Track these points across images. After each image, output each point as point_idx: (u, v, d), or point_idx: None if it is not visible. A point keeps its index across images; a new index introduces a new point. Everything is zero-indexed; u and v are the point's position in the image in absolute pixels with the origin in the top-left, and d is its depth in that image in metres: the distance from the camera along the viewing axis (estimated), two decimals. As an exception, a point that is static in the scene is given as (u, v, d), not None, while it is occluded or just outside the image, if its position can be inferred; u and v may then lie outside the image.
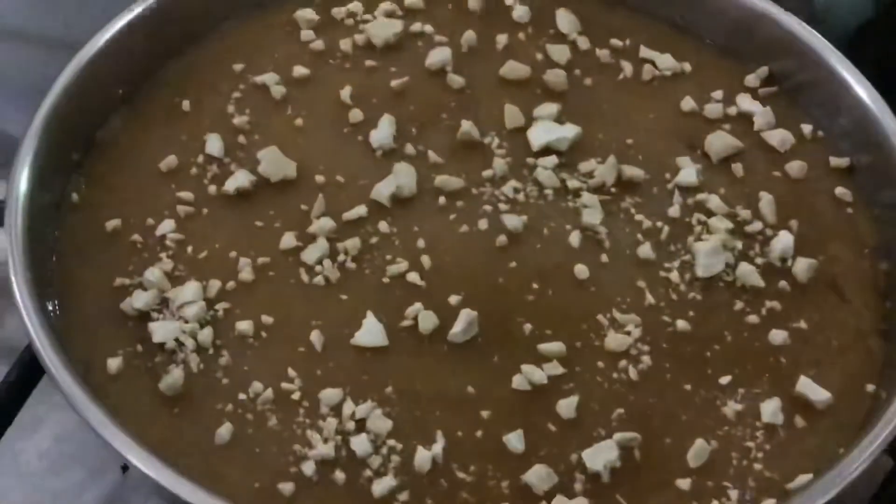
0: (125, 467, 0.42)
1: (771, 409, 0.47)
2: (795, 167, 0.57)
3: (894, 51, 0.72)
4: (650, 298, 0.50)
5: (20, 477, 0.59)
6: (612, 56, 0.63)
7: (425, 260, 0.51)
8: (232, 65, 0.61)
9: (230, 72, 0.60)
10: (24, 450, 0.60)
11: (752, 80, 0.62)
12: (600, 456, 0.44)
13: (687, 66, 0.63)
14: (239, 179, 0.54)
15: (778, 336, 0.50)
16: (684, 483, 0.44)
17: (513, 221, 0.52)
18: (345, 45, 0.62)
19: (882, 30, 0.76)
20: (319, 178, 0.55)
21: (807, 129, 0.60)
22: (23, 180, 0.51)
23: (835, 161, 0.58)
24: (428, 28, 0.63)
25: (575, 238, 0.52)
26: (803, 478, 0.45)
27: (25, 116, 0.54)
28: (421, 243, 0.52)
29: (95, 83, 0.57)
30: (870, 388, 0.49)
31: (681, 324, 0.50)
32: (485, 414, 0.46)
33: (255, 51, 0.62)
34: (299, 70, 0.60)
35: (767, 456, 0.46)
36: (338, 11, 0.64)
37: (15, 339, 0.50)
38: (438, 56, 0.61)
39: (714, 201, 0.55)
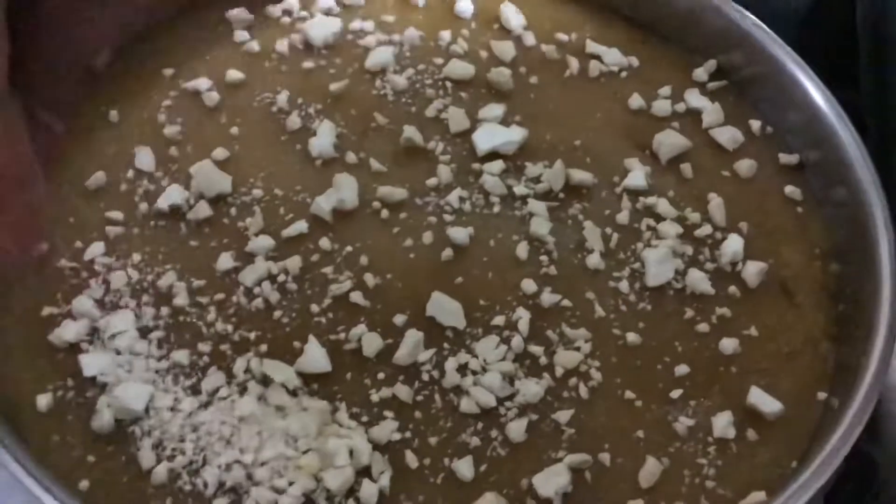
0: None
1: (722, 423, 0.46)
2: (745, 166, 0.57)
3: (839, 36, 0.71)
4: (599, 311, 0.49)
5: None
6: (559, 52, 0.61)
7: (368, 278, 0.49)
8: (161, 69, 0.58)
9: (160, 77, 0.57)
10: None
11: (700, 73, 0.61)
12: (551, 481, 0.43)
13: (634, 61, 0.61)
14: (171, 196, 0.52)
15: (729, 345, 0.49)
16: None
17: (459, 234, 0.51)
18: (281, 45, 0.60)
19: (826, 15, 0.75)
20: (256, 192, 0.53)
21: (755, 125, 0.59)
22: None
23: (784, 158, 0.58)
24: (368, 25, 0.61)
25: (522, 250, 0.51)
26: (756, 495, 0.44)
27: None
28: (364, 260, 0.50)
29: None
30: (821, 395, 0.48)
31: (631, 336, 0.49)
32: (433, 440, 0.45)
33: (186, 54, 0.59)
34: (233, 74, 0.58)
35: (720, 472, 0.45)
36: (273, 10, 0.61)
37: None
38: (379, 57, 0.59)
39: (663, 205, 0.54)
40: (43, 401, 0.45)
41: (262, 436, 0.43)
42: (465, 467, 0.44)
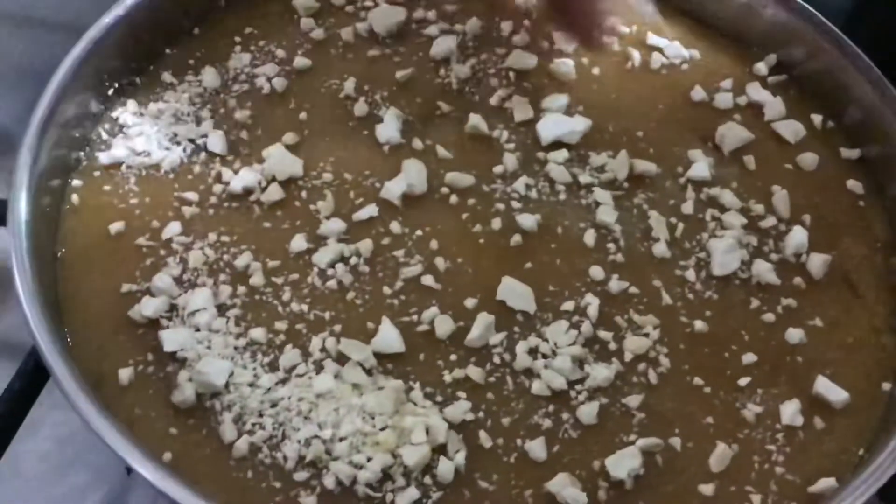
0: (129, 469, 0.41)
1: (790, 411, 0.47)
2: (807, 159, 0.57)
3: (891, 25, 0.72)
4: (667, 298, 0.50)
5: (21, 481, 0.58)
6: (620, 44, 0.62)
7: (439, 262, 0.50)
8: (230, 56, 0.59)
9: (228, 64, 0.58)
10: (25, 452, 0.58)
11: (761, 67, 0.61)
12: (623, 463, 0.44)
13: (696, 54, 0.62)
14: (244, 179, 0.53)
15: (794, 335, 0.50)
16: (707, 489, 0.44)
17: (527, 221, 0.52)
18: (346, 34, 0.60)
19: (873, 9, 0.75)
20: (327, 176, 0.54)
21: (817, 119, 0.59)
22: (23, 183, 0.49)
23: (845, 152, 0.58)
24: (431, 15, 0.62)
25: (590, 237, 0.52)
26: (825, 481, 0.44)
27: (14, 104, 0.52)
28: (434, 244, 0.51)
29: (95, 76, 0.55)
30: (886, 386, 0.49)
31: (698, 324, 0.49)
32: (505, 421, 0.45)
33: (254, 41, 0.60)
34: (301, 61, 0.59)
35: (788, 459, 0.46)
36: (338, -2, 0.62)
37: (13, 336, 0.48)
38: (443, 45, 0.60)
39: (727, 196, 0.54)
40: (125, 375, 0.46)
41: (339, 412, 0.44)
42: (538, 448, 0.44)
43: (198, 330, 0.47)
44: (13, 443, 0.51)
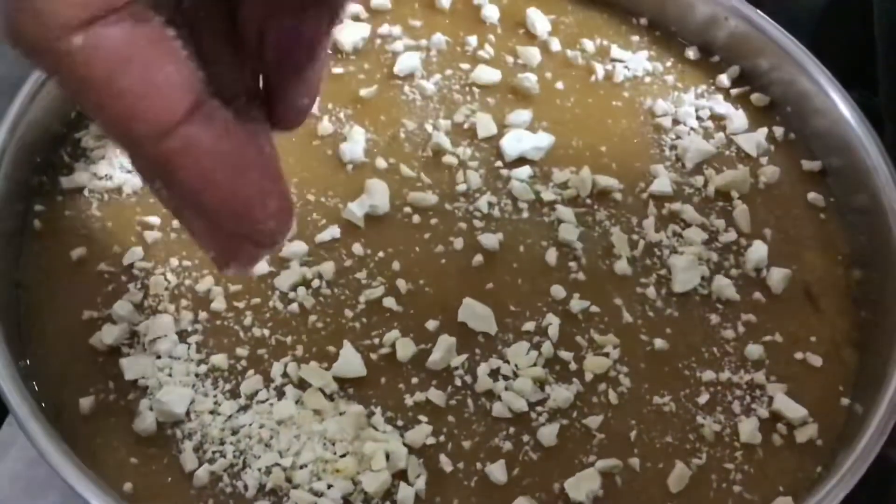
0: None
1: (749, 429, 0.47)
2: (768, 172, 0.57)
3: (855, 35, 0.72)
4: (627, 317, 0.50)
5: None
6: (584, 58, 0.62)
7: (401, 283, 0.50)
8: (194, 75, 0.59)
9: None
10: (-9, 475, 0.58)
11: (723, 79, 0.62)
12: (583, 485, 0.44)
13: (659, 67, 0.62)
14: (207, 201, 0.52)
15: (754, 351, 0.50)
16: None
17: (489, 241, 0.52)
18: None
19: (842, 14, 0.76)
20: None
21: (778, 131, 0.60)
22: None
23: (807, 165, 0.58)
24: (396, 31, 0.62)
25: (551, 256, 0.52)
26: (781, 500, 0.45)
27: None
28: (396, 266, 0.51)
29: (57, 97, 0.55)
30: (844, 402, 0.49)
31: (658, 342, 0.50)
32: (466, 445, 0.46)
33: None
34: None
35: (746, 477, 0.46)
36: (302, 15, 0.62)
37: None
38: (407, 63, 0.60)
39: (688, 212, 0.54)
40: (86, 404, 0.46)
41: (300, 439, 0.44)
42: (498, 471, 0.45)
43: (158, 357, 0.47)
44: (-18, 465, 0.51)
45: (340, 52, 0.60)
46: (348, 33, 0.61)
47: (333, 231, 0.52)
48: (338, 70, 0.59)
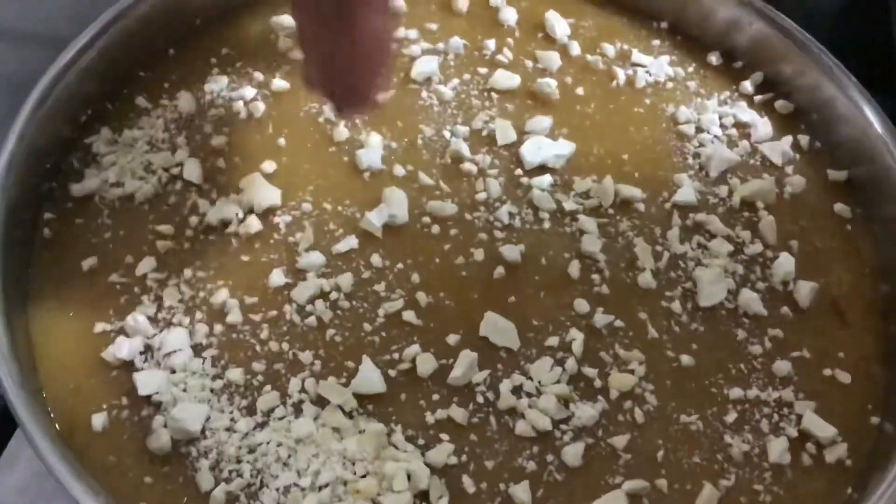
0: None
1: (778, 449, 0.46)
2: (794, 182, 0.56)
3: (874, 36, 0.71)
4: (653, 332, 0.49)
5: (-5, 513, 0.56)
6: (605, 62, 0.61)
7: (421, 297, 0.49)
8: (206, 79, 0.57)
9: (204, 88, 0.57)
10: (3, 486, 0.57)
11: (747, 86, 0.60)
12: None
13: (681, 72, 0.61)
14: (221, 211, 0.51)
15: (782, 367, 0.49)
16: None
17: (511, 252, 0.51)
18: None
19: (862, 14, 0.74)
20: (306, 206, 0.52)
21: (804, 140, 0.58)
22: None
23: (833, 174, 0.57)
24: (412, 34, 0.60)
25: (574, 268, 0.51)
26: (813, 524, 0.44)
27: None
28: (415, 278, 0.50)
29: (67, 101, 0.54)
30: (874, 420, 0.48)
31: (685, 359, 0.49)
32: (489, 464, 0.45)
33: (231, 63, 0.58)
34: (279, 83, 0.57)
35: (775, 499, 0.45)
36: (317, 17, 0.60)
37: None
38: (425, 67, 0.58)
39: (714, 223, 0.53)
40: (98, 420, 0.45)
41: (319, 458, 0.43)
42: (522, 492, 0.44)
43: (173, 372, 0.46)
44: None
45: None
46: None
47: (351, 241, 0.51)
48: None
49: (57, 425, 0.44)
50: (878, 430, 0.48)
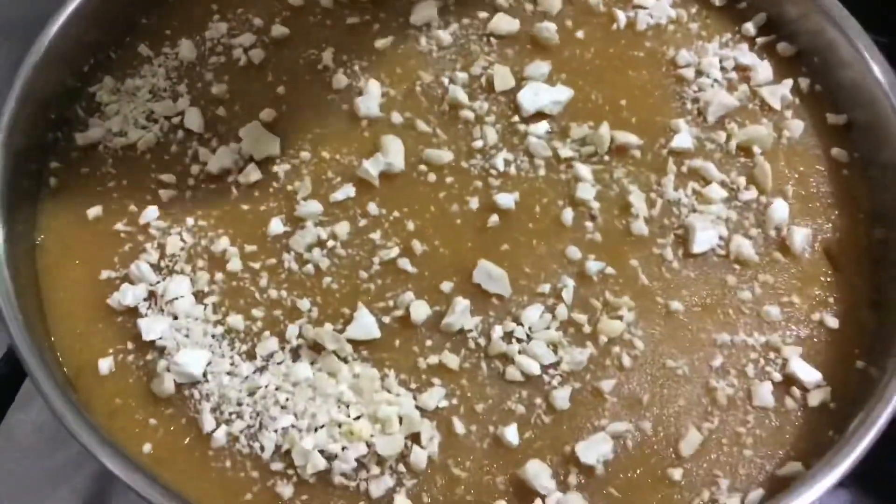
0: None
1: (762, 392, 0.47)
2: (792, 126, 0.56)
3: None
4: (643, 279, 0.50)
5: (17, 451, 0.59)
6: (605, 4, 0.60)
7: (416, 245, 0.50)
8: (207, 26, 0.58)
9: (205, 35, 0.58)
10: (20, 423, 0.60)
11: (749, 28, 0.60)
12: (594, 449, 0.45)
13: (683, 14, 0.60)
14: (221, 160, 0.53)
15: (772, 312, 0.50)
16: (676, 473, 0.45)
17: (505, 200, 0.51)
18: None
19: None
20: (304, 154, 0.53)
21: (804, 83, 0.58)
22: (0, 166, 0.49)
23: (832, 118, 0.57)
24: (412, -24, 0.60)
25: (568, 216, 0.52)
26: (791, 465, 0.45)
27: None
28: (411, 226, 0.51)
29: (72, 50, 0.55)
30: (859, 364, 0.49)
31: (674, 304, 0.50)
32: (479, 408, 0.46)
33: (231, 8, 0.59)
34: (278, 29, 0.58)
35: (757, 442, 0.46)
36: (316, -41, 0.60)
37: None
38: (424, 12, 0.59)
39: (709, 169, 0.54)
40: (105, 365, 0.47)
41: (315, 401, 0.45)
42: (510, 434, 0.45)
43: (176, 318, 0.47)
44: (10, 412, 0.52)
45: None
46: None
47: (348, 190, 0.52)
48: (353, 20, 0.58)
49: (65, 369, 0.46)
50: (862, 374, 0.48)
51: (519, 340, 0.48)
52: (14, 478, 0.59)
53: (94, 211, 0.51)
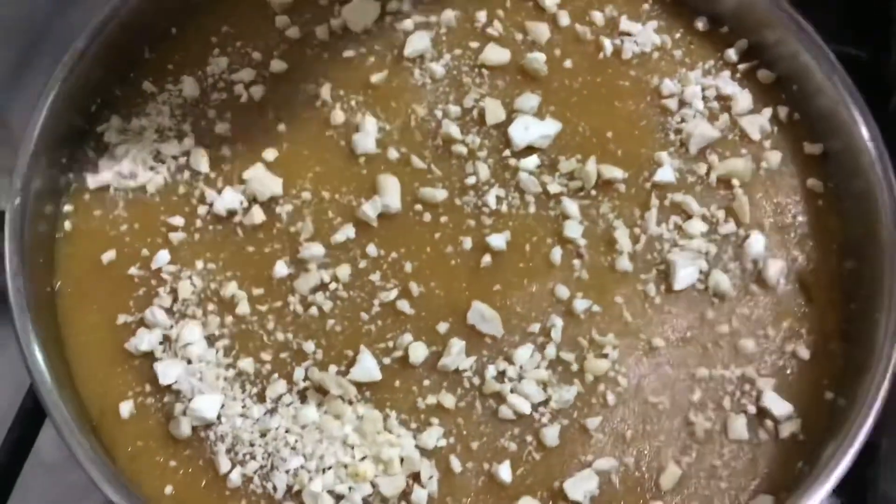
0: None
1: (737, 426, 0.51)
2: (770, 157, 0.59)
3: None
4: (627, 316, 0.53)
5: (40, 467, 0.63)
6: (593, 32, 0.62)
7: (413, 286, 0.53)
8: (208, 61, 0.60)
9: (206, 70, 0.60)
10: (46, 440, 0.63)
11: (731, 54, 0.62)
12: (580, 485, 0.48)
13: (668, 40, 0.62)
14: (227, 201, 0.55)
15: (748, 345, 0.53)
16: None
17: (497, 241, 0.54)
18: (321, 32, 0.61)
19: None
20: (305, 195, 0.56)
21: (783, 111, 0.60)
22: (17, 209, 0.52)
23: (808, 148, 0.60)
24: (406, 6, 0.62)
25: (556, 254, 0.54)
26: (762, 499, 0.49)
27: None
28: (408, 267, 0.54)
29: (80, 90, 0.57)
30: (828, 395, 0.53)
31: (656, 341, 0.53)
32: (474, 445, 0.50)
33: (231, 42, 0.61)
34: (277, 64, 0.60)
35: (732, 473, 0.50)
36: (309, -12, 0.62)
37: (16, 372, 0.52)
38: (418, 44, 0.60)
39: (690, 204, 0.56)
40: (125, 408, 0.50)
41: (323, 444, 0.49)
42: (504, 472, 0.49)
43: (190, 362, 0.51)
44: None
45: (351, 32, 0.61)
46: (359, 14, 0.61)
47: (348, 231, 0.54)
48: (348, 53, 0.60)
49: (89, 412, 0.49)
50: (831, 405, 0.52)
51: (511, 379, 0.51)
52: (37, 494, 0.62)
53: (108, 255, 0.54)
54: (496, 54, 0.60)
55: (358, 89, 0.59)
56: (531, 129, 0.58)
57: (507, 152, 0.58)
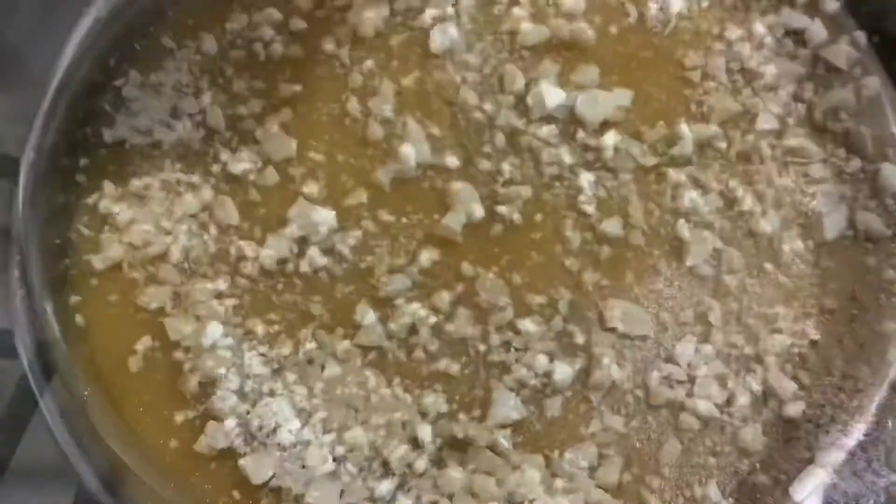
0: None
1: (741, 404, 0.51)
2: (869, 83, 0.56)
3: None
4: (636, 290, 0.53)
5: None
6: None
7: (423, 254, 0.53)
8: (228, 17, 0.59)
9: (226, 28, 0.59)
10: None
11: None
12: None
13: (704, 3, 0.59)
14: (243, 162, 0.55)
15: (757, 323, 0.53)
16: (654, 481, 0.50)
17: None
18: (328, 44, 0.59)
19: None
20: (317, 157, 0.56)
21: (861, 37, 0.58)
22: (32, 158, 0.53)
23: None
24: (415, 1, 0.58)
25: (569, 227, 0.54)
26: (762, 478, 0.49)
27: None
28: (419, 234, 0.53)
29: (98, 45, 0.57)
30: (836, 376, 0.52)
31: (663, 315, 0.53)
32: (476, 413, 0.50)
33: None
34: (296, 23, 0.59)
35: (734, 451, 0.51)
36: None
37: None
38: (442, 38, 0.57)
39: (807, 147, 0.55)
40: (134, 362, 0.51)
41: (326, 404, 0.49)
42: (505, 439, 0.49)
43: (283, 450, 0.50)
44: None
45: (363, 39, 0.58)
46: (366, 15, 0.58)
47: (360, 196, 0.54)
48: (368, 63, 0.57)
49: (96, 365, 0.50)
50: (837, 387, 0.52)
51: (517, 350, 0.51)
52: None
53: (125, 214, 0.54)
54: (536, 33, 0.57)
55: (388, 97, 0.57)
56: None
57: (524, 121, 0.56)
